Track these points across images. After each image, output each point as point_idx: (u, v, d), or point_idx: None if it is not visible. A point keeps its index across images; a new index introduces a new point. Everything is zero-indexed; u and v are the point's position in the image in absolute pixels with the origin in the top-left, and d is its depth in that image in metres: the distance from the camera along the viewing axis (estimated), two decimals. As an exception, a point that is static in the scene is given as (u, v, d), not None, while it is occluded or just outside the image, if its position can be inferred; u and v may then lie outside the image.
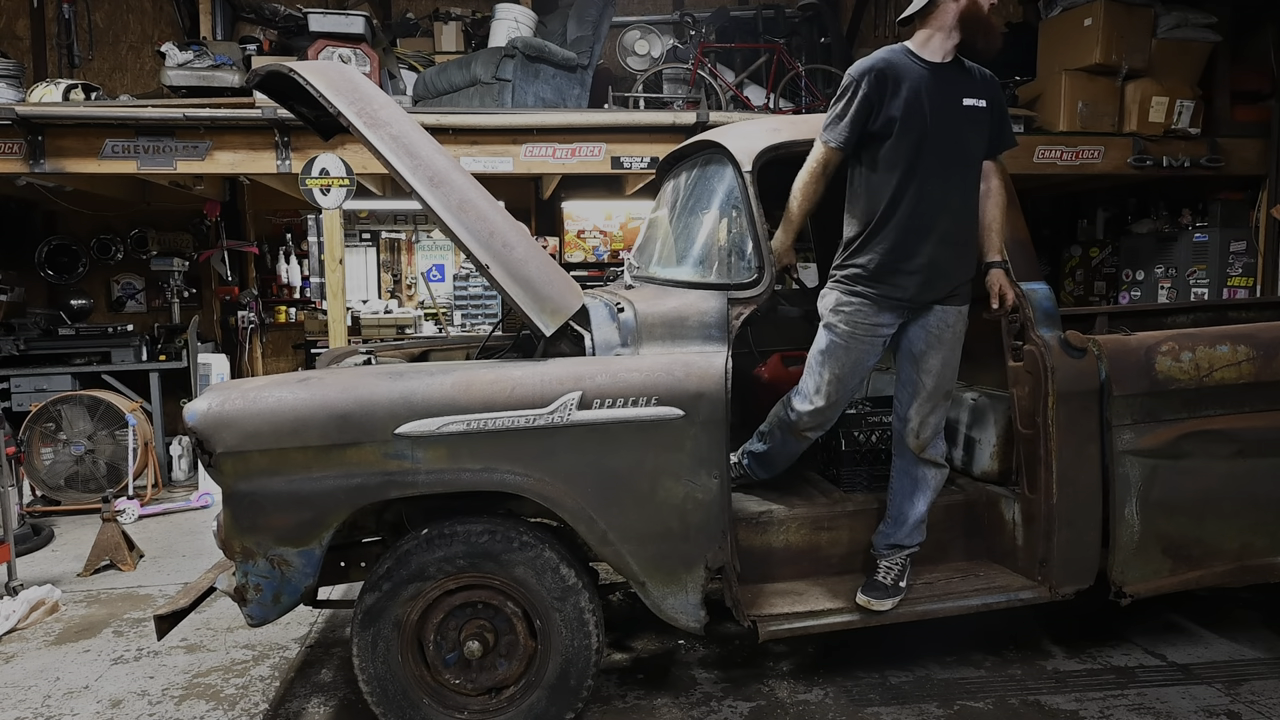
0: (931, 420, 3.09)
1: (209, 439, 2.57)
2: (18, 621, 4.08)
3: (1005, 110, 3.02)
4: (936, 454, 3.14)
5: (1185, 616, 3.89)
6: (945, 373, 3.05)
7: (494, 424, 2.66)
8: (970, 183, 2.97)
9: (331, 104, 2.79)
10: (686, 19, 7.26)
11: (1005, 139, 3.07)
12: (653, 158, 5.92)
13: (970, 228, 3.01)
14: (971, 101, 2.89)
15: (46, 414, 6.19)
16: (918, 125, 2.83)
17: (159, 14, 7.94)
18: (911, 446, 3.10)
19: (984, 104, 2.91)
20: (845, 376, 3.03)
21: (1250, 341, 3.15)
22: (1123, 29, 6.15)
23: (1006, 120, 3.04)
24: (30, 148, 5.50)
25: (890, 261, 2.91)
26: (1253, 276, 6.72)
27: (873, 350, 3.02)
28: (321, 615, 4.16)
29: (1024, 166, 6.22)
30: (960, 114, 2.89)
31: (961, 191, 2.95)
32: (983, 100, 2.92)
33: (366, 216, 8.45)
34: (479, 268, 2.81)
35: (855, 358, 3.00)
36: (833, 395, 3.05)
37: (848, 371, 3.02)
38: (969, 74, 2.97)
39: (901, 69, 2.86)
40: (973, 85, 2.94)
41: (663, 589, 2.85)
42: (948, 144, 2.87)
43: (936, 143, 2.85)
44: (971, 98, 2.90)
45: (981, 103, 2.91)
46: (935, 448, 3.13)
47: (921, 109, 2.83)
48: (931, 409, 3.07)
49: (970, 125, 2.91)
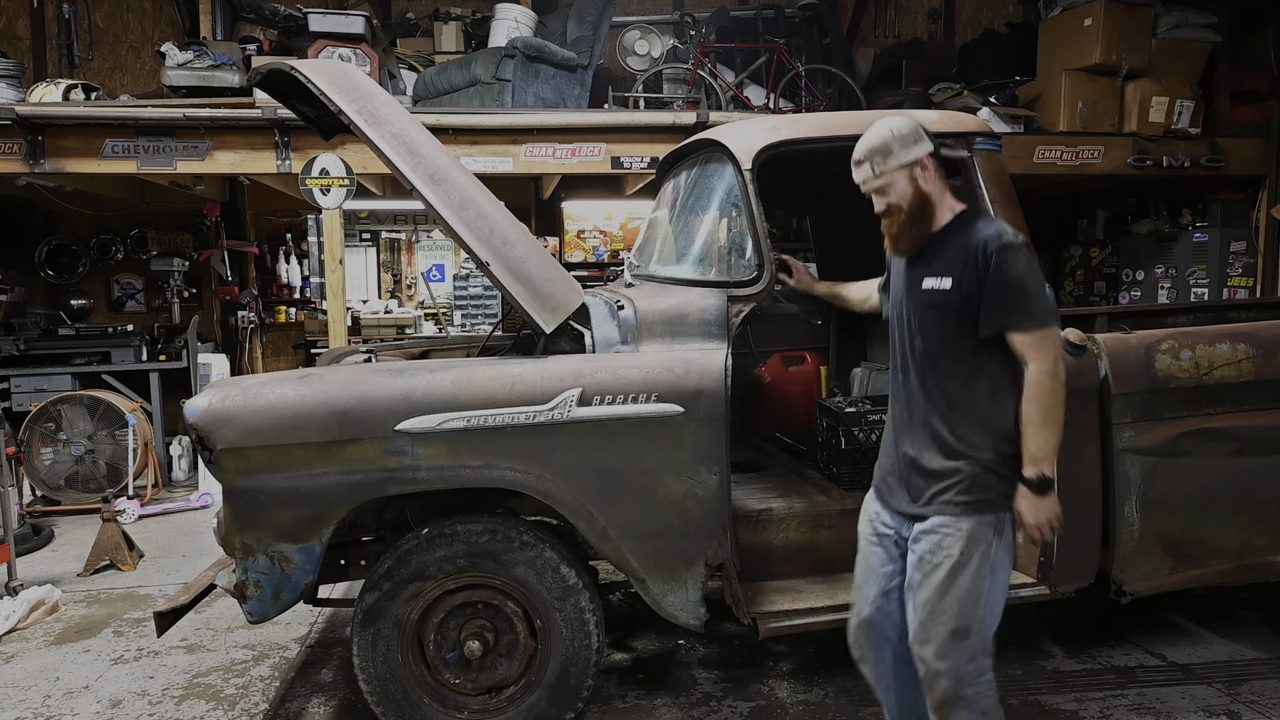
0: (936, 664, 2.30)
1: (209, 435, 2.58)
2: (18, 621, 4.08)
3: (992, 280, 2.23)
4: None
5: (1185, 616, 3.89)
6: (942, 602, 2.28)
7: (494, 420, 2.66)
8: (934, 371, 2.35)
9: (333, 102, 2.79)
10: (686, 19, 7.27)
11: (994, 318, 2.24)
12: (653, 158, 5.92)
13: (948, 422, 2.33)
14: (932, 283, 2.33)
15: (46, 414, 6.19)
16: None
17: (159, 14, 7.95)
18: (926, 695, 2.39)
19: (947, 283, 2.29)
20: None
21: (1250, 340, 3.15)
22: (1123, 29, 6.16)
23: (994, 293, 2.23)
24: (30, 148, 5.50)
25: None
26: (1253, 276, 6.73)
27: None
28: (321, 615, 4.16)
29: (1024, 166, 6.23)
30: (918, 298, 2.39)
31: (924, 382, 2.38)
32: (946, 279, 2.29)
33: (366, 216, 8.46)
34: (479, 265, 2.82)
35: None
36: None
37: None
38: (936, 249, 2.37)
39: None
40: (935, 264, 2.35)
41: (663, 586, 2.84)
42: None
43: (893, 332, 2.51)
44: (932, 277, 2.33)
45: (944, 282, 2.29)
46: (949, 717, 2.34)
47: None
48: (931, 651, 2.30)
49: (929, 309, 2.35)
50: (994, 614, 2.33)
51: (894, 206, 2.33)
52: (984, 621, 2.31)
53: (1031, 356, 2.20)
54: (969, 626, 2.28)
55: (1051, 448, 2.21)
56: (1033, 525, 2.24)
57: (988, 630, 2.33)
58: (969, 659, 2.30)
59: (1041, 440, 2.20)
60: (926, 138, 2.31)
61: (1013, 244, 2.23)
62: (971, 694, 2.32)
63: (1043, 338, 2.20)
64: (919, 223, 2.34)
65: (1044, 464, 2.20)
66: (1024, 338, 2.21)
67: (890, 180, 2.31)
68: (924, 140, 2.30)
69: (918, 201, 2.32)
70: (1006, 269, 2.20)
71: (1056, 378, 2.20)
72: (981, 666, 2.33)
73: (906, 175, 2.30)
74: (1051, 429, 2.20)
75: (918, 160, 2.29)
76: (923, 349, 2.36)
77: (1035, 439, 2.20)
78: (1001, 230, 2.27)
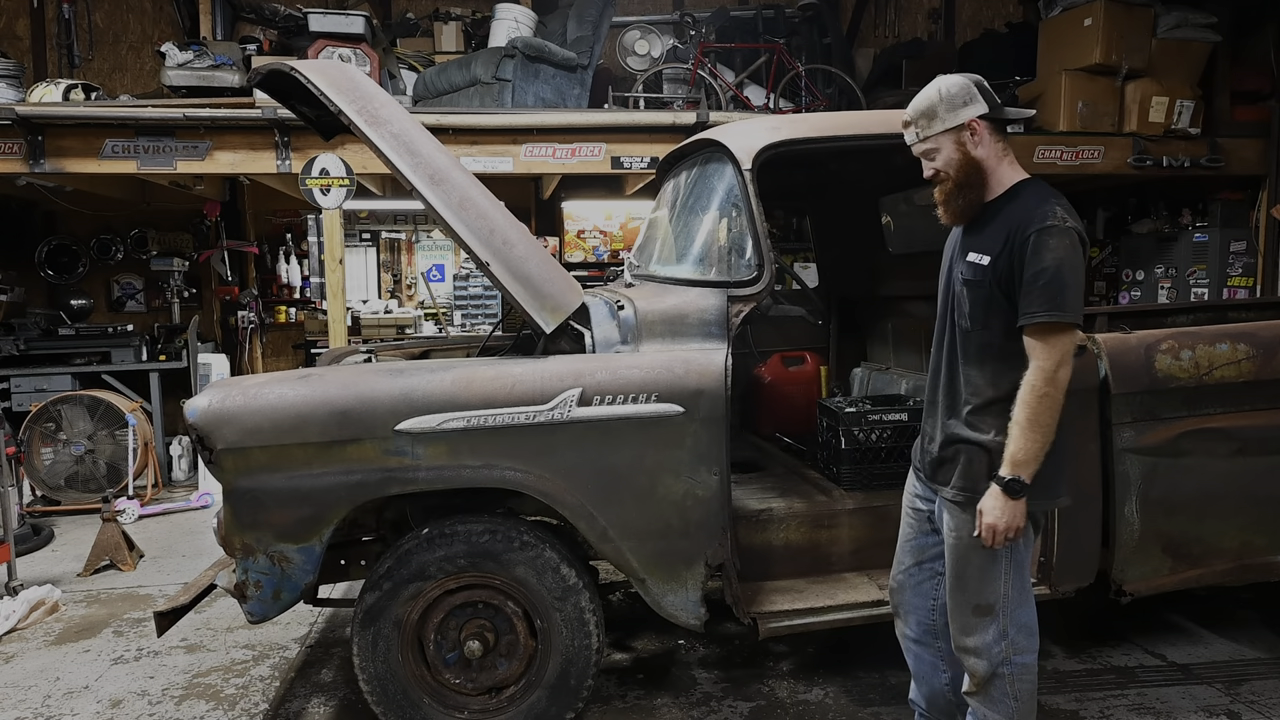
0: (964, 641, 2.34)
1: (210, 435, 2.58)
2: (18, 621, 4.08)
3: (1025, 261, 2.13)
4: (979, 703, 2.37)
5: (1185, 616, 3.89)
6: (959, 581, 2.32)
7: (494, 420, 2.66)
8: (963, 349, 2.30)
9: (333, 102, 2.79)
10: (686, 19, 7.27)
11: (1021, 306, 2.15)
12: (653, 158, 5.92)
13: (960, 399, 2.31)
14: (974, 257, 2.26)
15: (46, 414, 6.19)
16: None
17: (159, 14, 7.95)
18: (967, 679, 2.40)
19: (985, 260, 2.21)
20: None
21: (1250, 340, 3.15)
22: (1123, 29, 6.16)
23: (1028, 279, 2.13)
24: (30, 148, 5.50)
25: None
26: (1253, 276, 6.72)
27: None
28: (322, 615, 4.16)
29: (1024, 166, 6.21)
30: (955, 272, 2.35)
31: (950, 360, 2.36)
32: (985, 255, 2.21)
33: (366, 216, 8.46)
34: (479, 265, 2.82)
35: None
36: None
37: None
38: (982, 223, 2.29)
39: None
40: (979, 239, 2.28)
41: (663, 586, 2.84)
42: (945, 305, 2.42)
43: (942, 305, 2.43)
44: (975, 252, 2.26)
45: (984, 259, 2.22)
46: (981, 697, 2.35)
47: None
48: (958, 628, 2.35)
49: (967, 285, 2.28)
50: (1021, 591, 2.28)
51: (941, 172, 2.22)
52: (1009, 599, 2.26)
53: (1035, 353, 2.09)
54: (991, 604, 2.26)
55: (1033, 454, 2.10)
56: (989, 525, 2.14)
57: (1015, 609, 2.28)
58: (998, 638, 2.28)
59: (1023, 444, 2.10)
60: (981, 98, 2.16)
61: (1055, 228, 2.08)
62: (1007, 673, 2.30)
63: (1052, 334, 2.07)
64: (967, 190, 2.22)
65: (1021, 468, 2.11)
66: (1034, 329, 2.09)
67: (936, 145, 2.20)
68: (976, 101, 2.15)
69: (966, 168, 2.20)
70: (1042, 254, 2.06)
71: (1054, 382, 2.08)
72: (1019, 647, 2.30)
73: (953, 140, 2.18)
74: (1036, 434, 2.09)
75: (966, 124, 2.16)
76: (956, 325, 2.29)
77: (1016, 441, 2.11)
78: (1049, 212, 2.11)
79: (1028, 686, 2.34)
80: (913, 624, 2.59)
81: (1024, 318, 2.11)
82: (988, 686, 2.32)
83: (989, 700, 2.34)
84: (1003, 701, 2.32)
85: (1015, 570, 2.27)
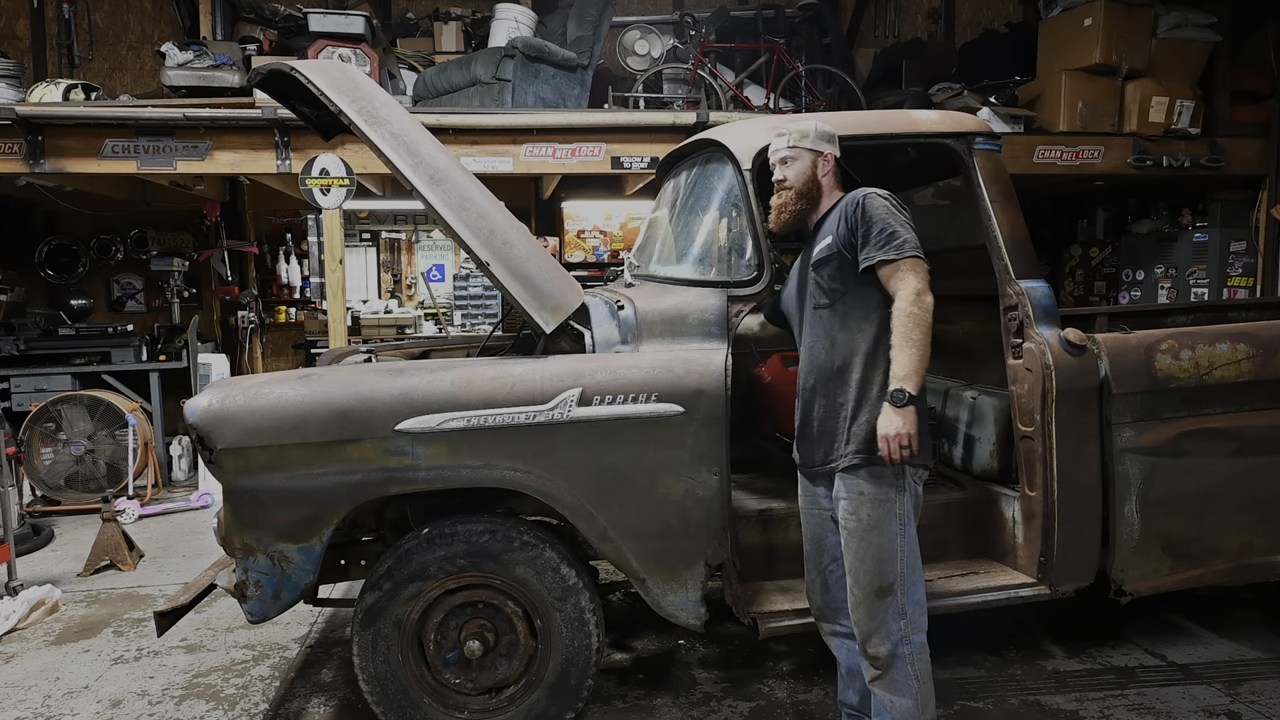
0: (867, 626, 2.49)
1: (210, 435, 2.58)
2: (18, 621, 4.08)
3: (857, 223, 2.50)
4: (884, 690, 2.51)
5: (1185, 616, 3.89)
6: (860, 563, 2.48)
7: (494, 420, 2.67)
8: (828, 331, 2.58)
9: (333, 102, 2.79)
10: (686, 19, 7.26)
11: (865, 254, 2.48)
12: (653, 158, 5.92)
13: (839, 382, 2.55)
14: (820, 249, 2.59)
15: (46, 414, 6.19)
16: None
17: (159, 14, 7.95)
18: (865, 665, 2.57)
19: (829, 241, 2.56)
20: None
21: (1250, 340, 3.15)
22: (1123, 29, 6.16)
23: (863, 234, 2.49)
24: (30, 148, 5.50)
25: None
26: (1253, 276, 6.73)
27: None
28: (322, 615, 4.16)
29: (1024, 166, 6.23)
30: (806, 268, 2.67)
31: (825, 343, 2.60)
32: (828, 238, 2.56)
33: (366, 216, 8.46)
34: (479, 265, 2.82)
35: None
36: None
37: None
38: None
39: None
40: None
41: (663, 586, 2.84)
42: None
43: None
44: (819, 246, 2.60)
45: (827, 241, 2.56)
46: (885, 682, 2.50)
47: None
48: (863, 613, 2.49)
49: (819, 269, 2.59)
50: (914, 569, 2.50)
51: (789, 180, 2.64)
52: (905, 578, 2.47)
53: (895, 286, 2.43)
54: (890, 584, 2.46)
55: (912, 367, 2.36)
56: (884, 436, 2.36)
57: (911, 586, 2.49)
58: (896, 616, 2.47)
59: (903, 359, 2.37)
60: (837, 145, 2.68)
61: (873, 192, 2.53)
62: (906, 653, 2.48)
63: (905, 268, 2.42)
64: (803, 200, 2.64)
65: (904, 381, 2.36)
66: (888, 269, 2.44)
67: (797, 156, 2.64)
68: (835, 145, 2.68)
69: (809, 183, 2.64)
70: (869, 211, 2.48)
71: (918, 303, 2.38)
72: (916, 625, 2.49)
73: (810, 158, 2.64)
74: (913, 350, 2.37)
75: (825, 154, 2.65)
76: (816, 306, 2.60)
77: (897, 359, 2.38)
78: (864, 189, 2.57)
79: (925, 666, 2.51)
80: (841, 619, 2.68)
81: (865, 261, 2.46)
82: (890, 669, 2.48)
83: (893, 685, 2.49)
84: (906, 684, 2.48)
85: (908, 548, 2.49)
